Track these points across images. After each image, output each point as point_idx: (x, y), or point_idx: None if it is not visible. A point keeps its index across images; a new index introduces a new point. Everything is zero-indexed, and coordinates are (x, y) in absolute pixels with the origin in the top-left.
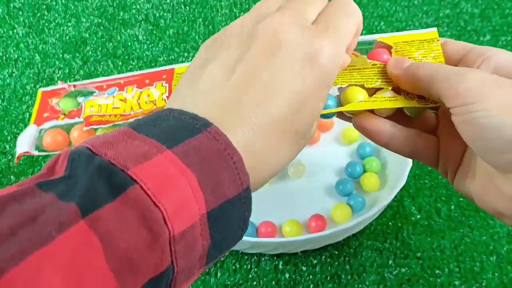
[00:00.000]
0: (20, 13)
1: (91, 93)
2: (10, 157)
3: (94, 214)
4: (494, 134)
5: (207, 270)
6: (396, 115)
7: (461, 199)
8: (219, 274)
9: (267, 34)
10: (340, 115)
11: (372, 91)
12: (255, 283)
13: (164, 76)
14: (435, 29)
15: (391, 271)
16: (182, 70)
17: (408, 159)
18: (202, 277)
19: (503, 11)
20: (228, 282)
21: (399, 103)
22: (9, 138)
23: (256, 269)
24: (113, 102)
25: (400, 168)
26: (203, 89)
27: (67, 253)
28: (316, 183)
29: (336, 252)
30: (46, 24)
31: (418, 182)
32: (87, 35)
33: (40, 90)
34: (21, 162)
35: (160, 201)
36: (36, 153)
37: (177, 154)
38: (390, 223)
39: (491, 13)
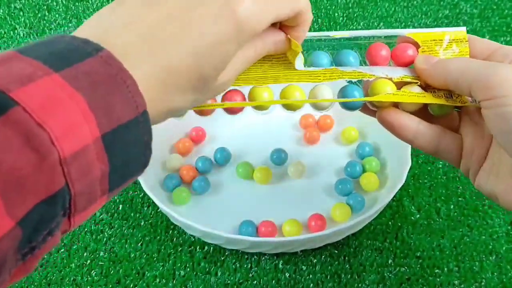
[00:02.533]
0: (21, 13)
1: None
2: None
3: None
4: None
5: (208, 269)
6: (419, 112)
7: (460, 198)
8: (219, 273)
9: None
10: (364, 109)
11: (399, 86)
12: (255, 282)
13: None
14: (464, 28)
15: (391, 270)
16: None
17: (407, 158)
18: (203, 276)
19: (502, 12)
20: (229, 281)
21: (427, 99)
22: None
23: (256, 268)
24: None
25: (399, 168)
26: (116, 21)
27: None
28: (316, 183)
29: (336, 252)
30: (47, 25)
31: (418, 182)
32: None
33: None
34: None
35: (45, 122)
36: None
37: (64, 78)
38: (389, 223)
39: (490, 14)
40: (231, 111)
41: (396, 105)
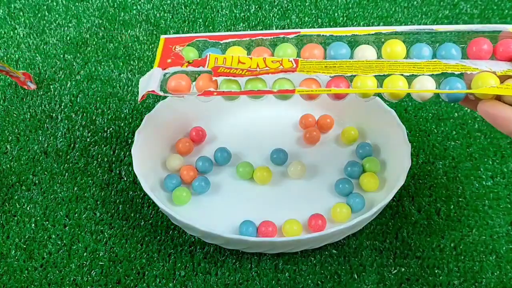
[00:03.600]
0: (21, 14)
1: (215, 44)
2: (11, 157)
3: None
4: None
5: (208, 269)
6: None
7: (460, 198)
8: (219, 273)
9: None
10: (465, 101)
11: (502, 79)
12: (255, 282)
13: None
14: None
15: (391, 270)
16: (307, 33)
17: (407, 158)
18: (203, 276)
19: (503, 12)
20: (229, 282)
21: None
22: (10, 138)
23: (256, 269)
24: (239, 57)
25: (399, 168)
26: None
27: None
28: (316, 183)
29: (336, 252)
30: (47, 25)
31: (418, 182)
32: (88, 36)
33: (163, 37)
34: (22, 162)
35: None
36: (161, 93)
37: None
38: (389, 223)
39: (490, 14)
40: (336, 96)
41: (498, 98)
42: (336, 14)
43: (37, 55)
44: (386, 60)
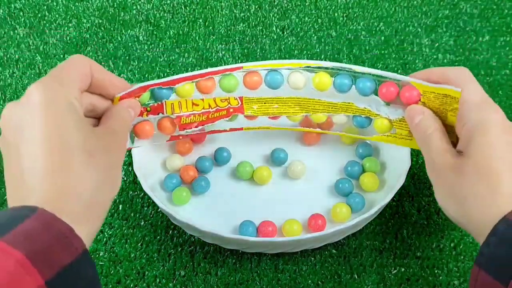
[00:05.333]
0: (21, 13)
1: (167, 89)
2: None
3: None
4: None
5: (208, 269)
6: None
7: None
8: (219, 273)
9: None
10: None
11: (396, 124)
12: (255, 282)
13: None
14: (459, 89)
15: (391, 270)
16: (250, 67)
17: (407, 158)
18: (203, 276)
19: (502, 12)
20: (229, 281)
21: (412, 144)
22: None
23: (256, 269)
24: (192, 101)
25: (399, 168)
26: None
27: None
28: (316, 183)
29: (336, 252)
30: (47, 25)
31: (418, 182)
32: (88, 36)
33: (117, 95)
34: None
35: None
36: (133, 146)
37: (5, 241)
38: (389, 223)
39: (490, 14)
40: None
41: None
42: (336, 14)
43: (37, 55)
44: (312, 98)
